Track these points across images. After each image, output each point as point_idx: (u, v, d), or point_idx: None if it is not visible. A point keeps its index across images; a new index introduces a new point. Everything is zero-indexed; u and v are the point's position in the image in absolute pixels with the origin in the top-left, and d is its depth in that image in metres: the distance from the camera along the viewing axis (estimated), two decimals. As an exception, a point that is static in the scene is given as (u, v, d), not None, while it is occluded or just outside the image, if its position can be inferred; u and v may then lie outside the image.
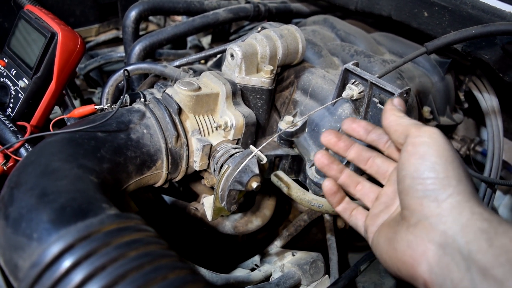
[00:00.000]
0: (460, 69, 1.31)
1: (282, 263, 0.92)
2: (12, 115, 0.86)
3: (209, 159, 0.80)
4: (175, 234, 0.96)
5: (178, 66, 1.04)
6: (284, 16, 1.47)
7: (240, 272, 0.90)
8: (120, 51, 1.50)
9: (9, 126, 0.82)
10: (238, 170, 0.70)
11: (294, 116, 0.93)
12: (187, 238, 0.98)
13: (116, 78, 0.98)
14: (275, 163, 0.91)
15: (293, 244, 1.04)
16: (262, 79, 0.84)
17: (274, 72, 0.86)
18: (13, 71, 0.87)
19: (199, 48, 1.53)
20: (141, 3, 1.21)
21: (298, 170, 0.93)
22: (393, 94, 0.73)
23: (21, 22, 0.87)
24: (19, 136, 0.80)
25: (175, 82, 0.81)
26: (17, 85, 0.86)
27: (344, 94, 0.79)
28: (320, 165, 0.70)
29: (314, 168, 0.86)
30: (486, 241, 0.47)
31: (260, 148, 0.72)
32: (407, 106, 0.83)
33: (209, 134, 0.81)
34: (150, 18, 1.77)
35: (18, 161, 0.68)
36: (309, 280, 0.89)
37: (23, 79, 0.85)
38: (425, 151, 0.54)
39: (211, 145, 0.79)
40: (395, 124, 0.60)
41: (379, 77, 0.77)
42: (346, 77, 0.81)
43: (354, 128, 0.68)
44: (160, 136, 0.75)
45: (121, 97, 0.77)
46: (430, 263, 0.51)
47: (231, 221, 0.94)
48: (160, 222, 0.93)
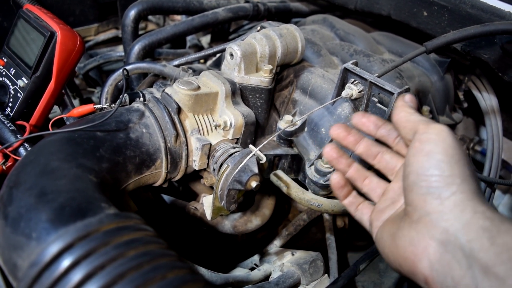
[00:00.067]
0: (460, 69, 1.31)
1: (282, 263, 0.92)
2: (11, 115, 0.86)
3: (209, 159, 0.80)
4: (175, 234, 0.96)
5: (178, 66, 1.04)
6: (284, 16, 1.47)
7: (240, 272, 0.90)
8: (120, 51, 1.49)
9: (8, 126, 0.82)
10: (238, 170, 0.70)
11: (294, 116, 0.93)
12: (187, 238, 0.98)
13: (115, 78, 0.98)
14: (275, 163, 0.91)
15: (293, 244, 1.04)
16: (262, 79, 0.84)
17: (274, 72, 0.86)
18: (12, 71, 0.87)
19: (199, 48, 1.53)
20: (141, 3, 1.21)
21: (298, 170, 0.93)
22: (393, 94, 0.73)
23: (20, 22, 0.87)
24: (18, 136, 0.80)
25: (174, 82, 0.81)
26: (16, 85, 0.86)
27: (344, 94, 0.79)
28: (329, 158, 0.70)
29: (314, 168, 0.86)
30: (488, 239, 0.47)
31: (260, 148, 0.72)
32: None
33: (209, 134, 0.81)
34: (150, 18, 1.77)
35: (17, 161, 0.68)
36: (309, 280, 0.89)
37: (22, 79, 0.85)
38: (432, 148, 0.54)
39: (211, 145, 0.79)
40: (405, 120, 0.60)
41: (379, 77, 0.77)
42: (346, 77, 0.81)
43: (364, 123, 0.67)
44: (159, 136, 0.75)
45: (120, 97, 0.77)
46: (431, 260, 0.51)
47: (231, 221, 0.94)
48: (160, 222, 0.93)
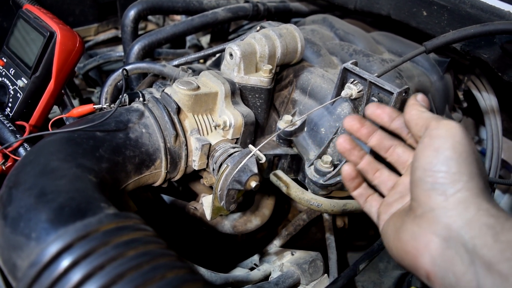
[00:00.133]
0: (459, 68, 1.31)
1: (281, 263, 0.92)
2: (11, 115, 0.86)
3: (208, 159, 0.80)
4: (174, 234, 0.96)
5: (177, 66, 1.04)
6: (283, 16, 1.47)
7: (239, 272, 0.90)
8: (119, 51, 1.49)
9: (8, 126, 0.82)
10: (237, 170, 0.70)
11: (293, 116, 0.93)
12: (186, 238, 0.98)
13: (115, 78, 0.98)
14: (274, 163, 0.91)
15: (292, 244, 1.04)
16: (261, 78, 0.84)
17: (273, 72, 0.86)
18: (12, 71, 0.87)
19: (198, 48, 1.53)
20: (140, 3, 1.21)
21: (297, 170, 0.93)
22: (392, 93, 0.73)
23: (20, 22, 0.87)
24: (18, 136, 0.80)
25: (174, 82, 0.81)
26: (16, 85, 0.86)
27: (343, 93, 0.79)
28: (342, 150, 0.69)
29: (313, 167, 0.86)
30: (492, 236, 0.47)
31: (259, 148, 0.72)
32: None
33: (208, 134, 0.81)
34: (149, 18, 1.77)
35: (17, 161, 0.68)
36: (308, 280, 0.89)
37: (22, 79, 0.85)
38: (440, 144, 0.54)
39: (210, 145, 0.79)
40: (416, 118, 0.60)
41: (378, 76, 0.77)
42: (345, 76, 0.81)
43: (379, 114, 0.67)
44: (159, 136, 0.75)
45: (120, 97, 0.77)
46: (433, 255, 0.51)
47: (230, 221, 0.94)
48: (159, 222, 0.93)
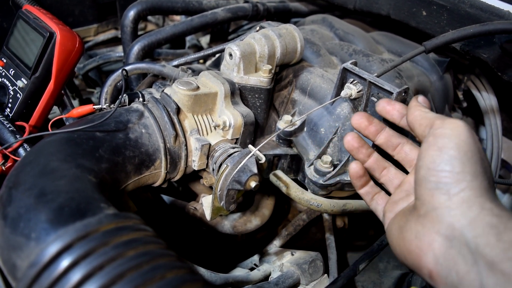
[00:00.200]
0: (459, 68, 1.31)
1: (281, 263, 0.92)
2: (11, 115, 0.86)
3: (208, 159, 0.80)
4: (174, 234, 0.96)
5: (177, 66, 1.04)
6: (283, 16, 1.47)
7: (239, 272, 0.90)
8: (119, 51, 1.50)
9: (8, 126, 0.82)
10: (237, 170, 0.70)
11: (293, 116, 0.93)
12: (186, 238, 0.98)
13: (115, 78, 0.98)
14: (274, 163, 0.91)
15: (292, 244, 1.04)
16: (261, 79, 0.84)
17: (273, 72, 0.86)
18: (12, 71, 0.87)
19: (198, 48, 1.53)
20: (140, 3, 1.21)
21: (297, 170, 0.93)
22: (392, 93, 0.73)
23: (20, 22, 0.87)
24: (18, 136, 0.80)
25: (174, 82, 0.81)
26: (16, 85, 0.86)
27: (343, 93, 0.79)
28: (350, 148, 0.69)
29: (313, 168, 0.86)
30: (495, 236, 0.47)
31: (259, 148, 0.72)
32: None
33: (208, 134, 0.81)
34: (149, 18, 1.77)
35: (17, 161, 0.68)
36: (308, 280, 0.89)
37: (22, 79, 0.85)
38: (445, 144, 0.54)
39: (210, 145, 0.79)
40: (420, 118, 0.60)
41: (378, 76, 0.77)
42: (345, 76, 0.81)
43: (389, 111, 0.67)
44: (159, 136, 0.75)
45: (120, 97, 0.77)
46: (436, 254, 0.52)
47: (230, 221, 0.94)
48: (159, 222, 0.93)
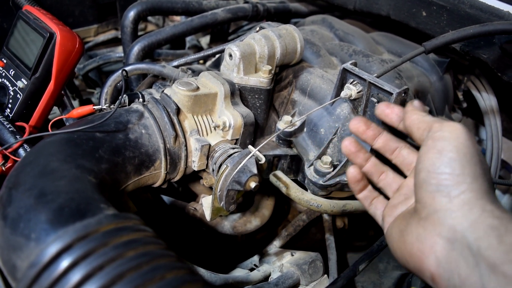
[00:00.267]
0: (459, 69, 1.31)
1: (281, 263, 0.92)
2: (11, 116, 0.86)
3: (208, 159, 0.80)
4: (174, 234, 0.96)
5: (177, 66, 1.04)
6: (283, 16, 1.47)
7: (239, 272, 0.90)
8: (119, 52, 1.50)
9: (8, 127, 0.82)
10: (237, 170, 0.70)
11: (293, 116, 0.93)
12: (186, 238, 0.98)
13: (115, 79, 0.98)
14: (274, 163, 0.91)
15: (292, 244, 1.04)
16: (261, 79, 0.84)
17: (273, 72, 0.86)
18: (12, 72, 0.87)
19: (198, 48, 1.54)
20: (140, 3, 1.21)
21: (297, 170, 0.93)
22: (392, 94, 0.73)
23: (20, 23, 0.87)
24: (18, 137, 0.80)
25: (174, 82, 0.81)
26: (16, 86, 0.86)
27: (343, 94, 0.79)
28: (347, 152, 0.69)
29: (313, 168, 0.86)
30: (496, 238, 0.47)
31: (259, 148, 0.72)
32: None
33: (208, 134, 0.81)
34: (149, 18, 1.77)
35: (17, 162, 0.68)
36: (308, 280, 0.89)
37: (22, 80, 0.85)
38: (444, 146, 0.54)
39: (210, 145, 0.79)
40: (418, 122, 0.60)
41: (377, 77, 0.78)
42: (345, 77, 0.81)
43: (387, 114, 0.67)
44: (159, 136, 0.75)
45: (120, 97, 0.77)
46: (438, 257, 0.52)
47: (230, 221, 0.94)
48: (159, 222, 0.93)
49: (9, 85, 0.87)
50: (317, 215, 1.07)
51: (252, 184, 0.72)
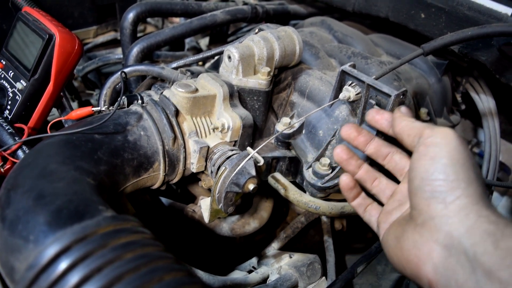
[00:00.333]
0: (457, 71, 1.31)
1: (279, 265, 0.92)
2: (10, 117, 0.86)
3: (206, 161, 0.81)
4: (173, 236, 0.96)
5: (176, 68, 1.04)
6: (282, 18, 1.47)
7: (237, 274, 0.90)
8: (118, 53, 1.50)
9: (7, 128, 0.82)
10: (235, 172, 0.70)
11: (291, 118, 0.93)
12: (185, 240, 0.98)
13: (114, 80, 0.98)
14: (272, 165, 0.91)
15: (291, 246, 1.04)
16: (259, 81, 0.84)
17: (271, 74, 0.86)
18: (11, 73, 0.87)
19: (197, 50, 1.54)
20: (139, 5, 1.21)
21: (295, 172, 0.93)
22: (390, 96, 0.73)
23: (19, 24, 0.87)
24: (17, 138, 0.80)
25: (173, 84, 0.82)
26: (15, 87, 0.86)
27: (341, 96, 0.79)
28: (339, 160, 0.69)
29: (311, 170, 0.86)
30: (492, 243, 0.47)
31: (257, 150, 0.72)
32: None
33: (206, 136, 0.81)
34: (148, 20, 1.77)
35: (16, 163, 0.68)
36: (306, 282, 0.89)
37: (21, 81, 0.85)
38: (436, 153, 0.54)
39: (208, 147, 0.79)
40: (408, 128, 0.60)
41: (376, 79, 0.78)
42: (343, 79, 0.81)
43: (378, 120, 0.67)
44: (157, 138, 0.75)
45: (119, 99, 0.77)
46: (435, 264, 0.52)
47: (229, 223, 0.94)
48: (158, 224, 0.93)
49: (8, 87, 0.87)
50: (316, 217, 1.08)
51: (251, 186, 0.72)
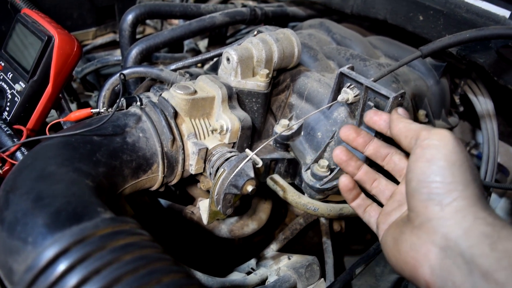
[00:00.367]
0: (456, 73, 1.32)
1: (278, 267, 0.92)
2: (9, 119, 0.86)
3: (205, 163, 0.81)
4: (171, 238, 0.96)
5: (175, 70, 1.04)
6: (281, 20, 1.47)
7: (236, 276, 0.90)
8: (117, 55, 1.50)
9: (5, 130, 0.82)
10: (234, 174, 0.70)
11: (290, 120, 0.93)
12: (183, 242, 0.98)
13: (113, 82, 0.98)
14: (271, 167, 0.91)
15: (289, 248, 1.04)
16: (258, 83, 0.85)
17: (270, 76, 0.86)
18: (10, 75, 0.87)
19: (196, 52, 1.54)
20: (138, 7, 1.21)
21: (294, 174, 0.93)
22: (388, 98, 0.73)
23: (18, 26, 0.87)
24: (15, 140, 0.80)
25: (171, 86, 0.82)
26: (14, 89, 0.86)
27: (340, 98, 0.79)
28: (338, 161, 0.69)
29: (310, 172, 0.86)
30: (489, 245, 0.48)
31: (256, 152, 0.72)
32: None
33: (205, 138, 0.81)
34: (147, 22, 1.78)
35: (14, 165, 0.68)
36: (305, 284, 0.89)
37: (20, 83, 0.85)
38: (433, 155, 0.54)
39: (207, 149, 0.79)
40: (406, 130, 0.60)
41: (374, 81, 0.78)
42: (342, 81, 0.81)
43: (375, 121, 0.67)
44: (156, 140, 0.75)
45: (117, 101, 0.77)
46: (432, 265, 0.52)
47: (227, 225, 0.94)
48: (156, 226, 0.93)
49: (7, 88, 0.87)
50: (314, 219, 1.08)
51: (249, 188, 0.72)
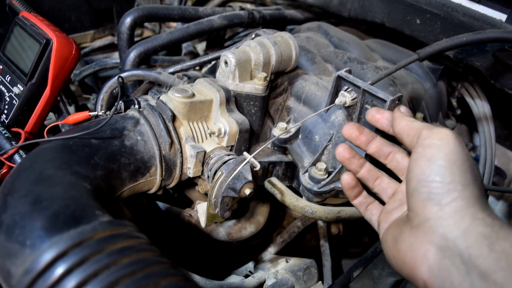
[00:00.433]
0: (453, 76, 1.32)
1: (276, 270, 0.92)
2: (7, 122, 0.86)
3: (203, 166, 0.81)
4: (169, 241, 0.96)
5: (173, 73, 1.05)
6: (279, 23, 1.48)
7: (234, 279, 0.90)
8: (115, 57, 1.50)
9: (3, 133, 0.82)
10: (232, 177, 0.70)
11: (288, 123, 0.94)
12: (181, 245, 0.98)
13: (111, 85, 0.98)
14: (269, 170, 0.91)
15: (287, 251, 1.04)
16: (256, 86, 0.85)
17: (268, 79, 0.87)
18: (8, 78, 0.87)
19: (194, 55, 1.54)
20: (137, 10, 1.21)
21: (292, 177, 0.93)
22: (385, 101, 0.73)
23: (16, 29, 0.88)
24: (13, 143, 0.81)
25: (169, 89, 0.82)
26: (12, 92, 0.86)
27: (337, 101, 0.80)
28: (341, 159, 0.69)
29: (308, 175, 0.87)
30: (487, 246, 0.48)
31: (254, 155, 0.72)
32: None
33: (203, 141, 0.81)
34: (145, 24, 1.78)
35: (12, 168, 0.68)
36: (303, 287, 0.89)
37: (18, 86, 0.85)
38: (434, 154, 0.54)
39: (205, 152, 0.79)
40: (408, 129, 0.60)
41: (372, 84, 0.78)
42: (339, 84, 0.81)
43: (378, 119, 0.67)
44: (154, 143, 0.75)
45: (116, 104, 0.77)
46: (431, 265, 0.52)
47: (225, 228, 0.94)
48: (154, 229, 0.93)
49: (5, 91, 0.87)
50: (312, 222, 1.08)
51: (247, 191, 0.72)
